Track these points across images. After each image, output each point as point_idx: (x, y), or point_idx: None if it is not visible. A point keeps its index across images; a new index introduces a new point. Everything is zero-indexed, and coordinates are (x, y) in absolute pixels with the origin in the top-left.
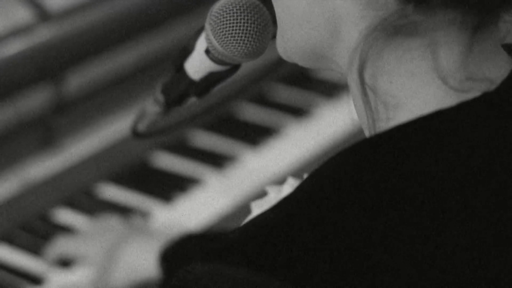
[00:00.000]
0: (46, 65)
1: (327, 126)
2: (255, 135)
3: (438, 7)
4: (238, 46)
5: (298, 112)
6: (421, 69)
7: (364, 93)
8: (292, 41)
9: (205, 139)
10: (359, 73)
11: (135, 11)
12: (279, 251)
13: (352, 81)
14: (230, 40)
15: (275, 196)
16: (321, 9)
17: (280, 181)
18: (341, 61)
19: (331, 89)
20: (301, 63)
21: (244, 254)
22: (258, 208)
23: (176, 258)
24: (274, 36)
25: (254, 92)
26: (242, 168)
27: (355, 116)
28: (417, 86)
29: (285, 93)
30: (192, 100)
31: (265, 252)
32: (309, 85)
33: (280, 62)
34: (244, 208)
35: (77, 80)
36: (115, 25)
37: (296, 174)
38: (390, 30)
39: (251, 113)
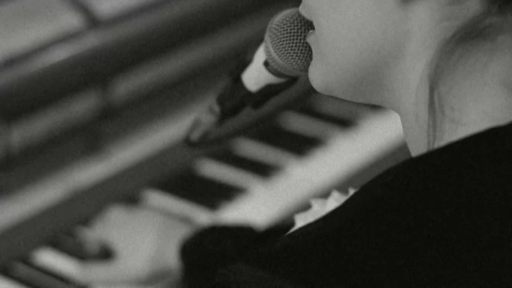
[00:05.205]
0: (94, 71)
1: (373, 138)
2: (302, 145)
3: None
4: (298, 59)
5: (344, 123)
6: (493, 80)
7: (432, 109)
8: (337, 66)
9: (251, 149)
10: (430, 89)
11: (183, 18)
12: (325, 265)
13: (417, 97)
14: (290, 53)
15: (319, 209)
16: (382, 24)
17: (325, 193)
18: (395, 84)
19: None
20: (342, 94)
21: (291, 266)
22: (302, 221)
23: (196, 251)
24: None
25: (302, 103)
26: (288, 178)
27: (401, 129)
28: (485, 99)
29: (332, 104)
30: (245, 110)
31: (311, 266)
32: None
33: None
34: (289, 218)
35: (125, 87)
36: (163, 32)
37: (341, 185)
38: (469, 37)
39: (298, 123)
